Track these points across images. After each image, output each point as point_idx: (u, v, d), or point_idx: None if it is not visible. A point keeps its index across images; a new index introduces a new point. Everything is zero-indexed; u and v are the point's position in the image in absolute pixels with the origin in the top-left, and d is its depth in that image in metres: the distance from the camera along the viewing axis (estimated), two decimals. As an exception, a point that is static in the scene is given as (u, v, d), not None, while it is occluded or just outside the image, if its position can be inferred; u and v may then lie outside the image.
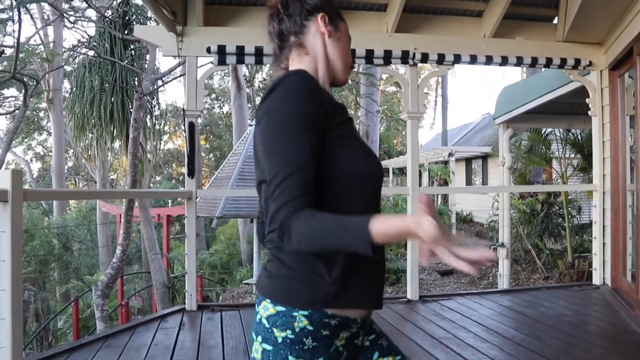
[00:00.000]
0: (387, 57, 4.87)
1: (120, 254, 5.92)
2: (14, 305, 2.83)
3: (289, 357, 1.25)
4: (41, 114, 28.49)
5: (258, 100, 31.87)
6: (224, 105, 36.84)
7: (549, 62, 5.25)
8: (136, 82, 7.60)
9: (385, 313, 4.59)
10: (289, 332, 1.26)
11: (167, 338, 3.84)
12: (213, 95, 35.37)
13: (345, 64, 1.52)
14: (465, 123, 29.20)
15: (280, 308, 1.28)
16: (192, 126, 4.58)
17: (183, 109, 4.59)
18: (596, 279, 5.49)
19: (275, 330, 1.27)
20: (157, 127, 9.01)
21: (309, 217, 1.17)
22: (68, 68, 14.89)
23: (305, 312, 1.27)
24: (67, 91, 16.91)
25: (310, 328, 1.27)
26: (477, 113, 70.17)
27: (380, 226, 1.09)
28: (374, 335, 1.50)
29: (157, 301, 8.85)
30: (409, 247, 5.15)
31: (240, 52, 4.58)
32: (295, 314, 1.27)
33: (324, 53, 1.48)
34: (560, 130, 9.72)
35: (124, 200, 8.80)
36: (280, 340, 1.26)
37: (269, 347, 1.28)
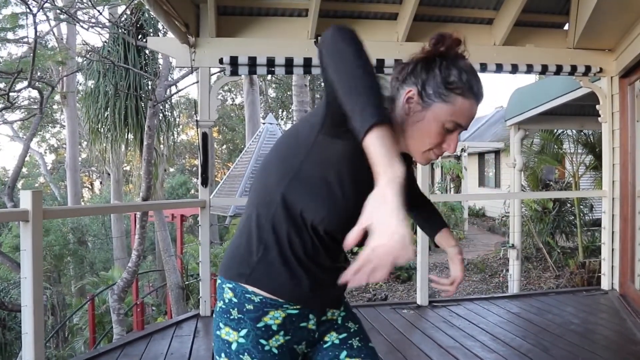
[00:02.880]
0: (398, 67, 4.91)
1: (136, 258, 6.04)
2: (36, 321, 2.94)
3: (220, 324, 1.45)
4: (55, 107, 28.67)
5: (271, 93, 31.91)
6: (236, 97, 36.89)
7: (559, 70, 5.27)
8: (149, 87, 7.72)
9: (394, 319, 4.67)
10: (221, 302, 1.46)
11: (182, 346, 3.94)
12: (226, 88, 35.43)
13: (421, 144, 1.42)
14: (478, 117, 29.05)
15: (218, 280, 1.48)
16: (205, 136, 4.67)
17: (196, 120, 4.67)
18: (605, 284, 5.54)
19: (217, 300, 1.49)
20: (169, 120, 9.12)
21: (352, 41, 1.18)
22: (81, 77, 15.06)
23: (230, 285, 1.43)
24: (79, 83, 17.07)
25: (235, 300, 1.42)
26: (490, 106, 69.65)
27: (381, 132, 1.07)
28: (345, 334, 1.59)
29: (172, 302, 8.98)
30: (419, 249, 5.20)
31: (252, 63, 4.64)
32: (224, 285, 1.45)
33: (402, 124, 1.43)
34: (573, 130, 9.72)
35: (138, 200, 8.93)
36: (217, 308, 1.47)
37: (214, 316, 1.50)
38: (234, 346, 1.42)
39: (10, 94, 6.84)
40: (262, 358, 1.41)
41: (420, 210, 1.92)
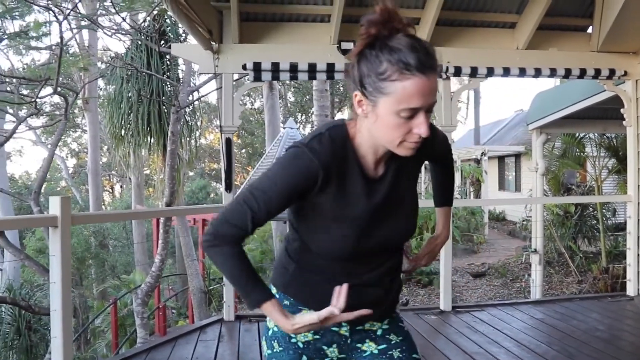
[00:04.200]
0: (420, 72, 4.90)
1: (159, 263, 6.08)
2: (64, 324, 2.98)
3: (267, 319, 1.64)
4: (76, 111, 28.93)
5: (290, 97, 31.92)
6: (255, 101, 37.01)
7: (582, 73, 5.23)
8: (171, 92, 7.78)
9: (418, 324, 4.66)
10: None
11: (207, 351, 3.97)
12: (245, 92, 35.46)
13: (390, 140, 1.38)
14: (498, 120, 28.90)
15: (272, 287, 1.65)
16: (229, 142, 4.70)
17: (220, 126, 4.70)
18: (630, 290, 5.48)
19: None
20: (191, 125, 9.18)
21: (226, 255, 1.46)
22: (102, 82, 15.20)
23: (274, 291, 1.63)
24: (100, 88, 17.22)
25: (276, 296, 1.56)
26: (510, 109, 69.32)
27: (266, 308, 1.44)
28: (385, 345, 1.66)
29: (194, 306, 9.03)
30: (443, 253, 5.18)
31: (275, 69, 4.66)
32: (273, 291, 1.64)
33: (368, 127, 1.42)
34: (595, 133, 9.63)
35: (160, 204, 9.01)
36: None
37: None
38: (270, 332, 1.63)
39: (36, 100, 6.94)
40: (286, 347, 1.59)
41: (437, 176, 1.90)
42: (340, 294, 1.37)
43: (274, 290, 1.62)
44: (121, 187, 37.00)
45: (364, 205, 1.48)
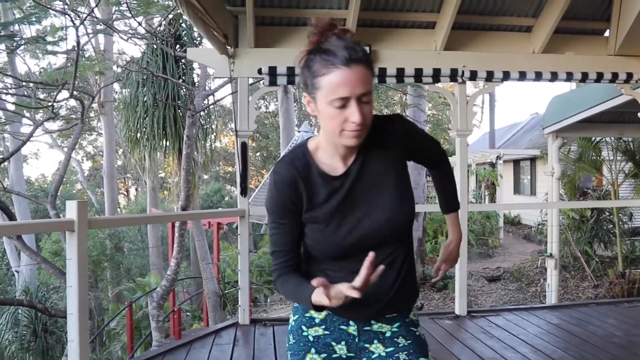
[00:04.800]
0: (436, 76, 4.91)
1: (175, 267, 6.10)
2: (81, 328, 2.99)
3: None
4: (92, 114, 29.12)
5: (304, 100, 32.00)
6: (269, 105, 37.10)
7: (599, 77, 5.19)
8: (187, 96, 7.82)
9: (433, 329, 4.64)
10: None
11: (223, 355, 3.97)
12: (260, 96, 35.50)
13: (333, 131, 1.52)
14: (513, 123, 28.74)
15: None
16: (244, 146, 4.71)
17: (235, 130, 4.71)
18: (648, 296, 5.43)
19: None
20: (206, 129, 9.22)
21: (283, 283, 1.67)
22: (117, 86, 15.27)
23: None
24: (115, 92, 17.33)
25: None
26: (525, 112, 68.85)
27: (314, 297, 1.48)
28: (393, 348, 1.71)
29: (209, 310, 9.05)
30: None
31: (290, 73, 4.67)
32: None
33: (322, 128, 1.61)
34: (611, 137, 9.55)
35: (176, 208, 9.05)
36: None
37: None
38: (289, 327, 1.80)
39: (54, 104, 6.99)
40: (298, 340, 1.74)
41: (436, 182, 1.97)
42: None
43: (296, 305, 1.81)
44: (136, 189, 37.25)
45: (331, 203, 1.62)
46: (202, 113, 7.82)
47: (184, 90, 8.01)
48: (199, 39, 8.58)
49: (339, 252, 1.62)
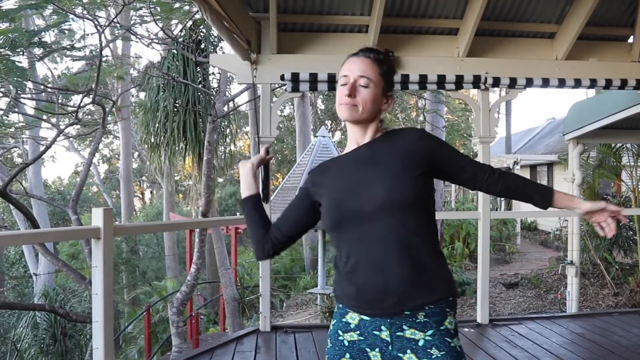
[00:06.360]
0: (459, 82, 4.88)
1: (195, 272, 6.10)
2: (106, 335, 3.00)
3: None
4: (109, 118, 29.27)
5: (320, 105, 31.98)
6: (285, 109, 37.16)
7: (624, 84, 5.13)
8: (207, 102, 7.83)
9: (455, 338, 4.60)
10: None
11: (245, 362, 3.97)
12: (274, 99, 35.50)
13: (337, 105, 1.85)
14: (529, 128, 28.56)
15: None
16: (266, 152, 4.69)
17: (257, 136, 4.71)
18: (672, 305, 5.36)
19: None
20: (225, 134, 9.23)
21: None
22: (134, 90, 15.32)
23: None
24: (132, 96, 17.43)
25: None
26: (541, 117, 68.50)
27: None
28: None
29: (227, 315, 9.05)
30: (480, 263, 5.16)
31: (313, 79, 4.66)
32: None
33: None
34: (632, 143, 9.45)
35: (194, 212, 9.07)
36: None
37: None
38: (328, 331, 1.88)
39: (77, 110, 7.03)
40: (334, 344, 1.82)
41: (507, 190, 1.91)
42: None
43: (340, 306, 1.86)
44: (151, 192, 37.42)
45: (338, 171, 1.87)
46: (225, 120, 7.85)
47: (203, 95, 8.03)
48: (217, 43, 8.59)
49: (341, 216, 1.77)
